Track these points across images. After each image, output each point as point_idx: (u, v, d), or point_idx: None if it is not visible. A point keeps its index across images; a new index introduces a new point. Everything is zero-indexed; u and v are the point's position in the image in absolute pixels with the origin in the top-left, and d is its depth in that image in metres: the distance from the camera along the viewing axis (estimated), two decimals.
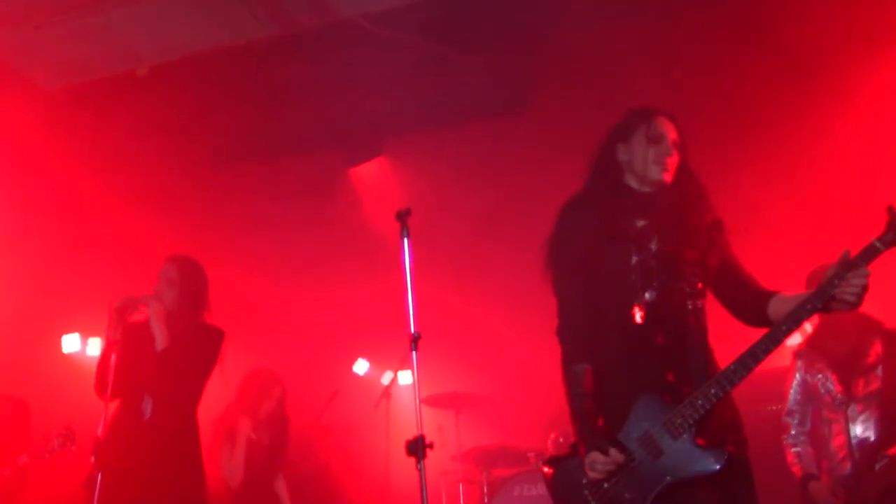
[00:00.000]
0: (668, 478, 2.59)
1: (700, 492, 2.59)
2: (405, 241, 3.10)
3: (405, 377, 7.47)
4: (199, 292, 4.19)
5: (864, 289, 2.60)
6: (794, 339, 4.62)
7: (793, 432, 4.57)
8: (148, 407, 3.93)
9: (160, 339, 3.89)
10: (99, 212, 6.47)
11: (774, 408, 5.19)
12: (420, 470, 2.83)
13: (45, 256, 6.49)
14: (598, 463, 2.64)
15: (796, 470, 4.50)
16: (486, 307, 6.69)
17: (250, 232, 7.07)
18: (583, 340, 2.82)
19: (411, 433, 2.88)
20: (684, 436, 2.61)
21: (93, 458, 3.55)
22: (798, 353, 4.65)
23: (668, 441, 2.62)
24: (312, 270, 7.20)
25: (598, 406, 2.73)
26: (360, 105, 6.41)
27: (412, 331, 3.01)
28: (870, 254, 2.61)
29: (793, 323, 2.62)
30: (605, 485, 2.68)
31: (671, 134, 2.95)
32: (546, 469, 2.90)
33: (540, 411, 6.45)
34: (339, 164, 7.00)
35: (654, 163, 2.89)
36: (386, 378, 7.29)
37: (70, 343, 6.91)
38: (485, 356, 6.96)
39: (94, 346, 6.93)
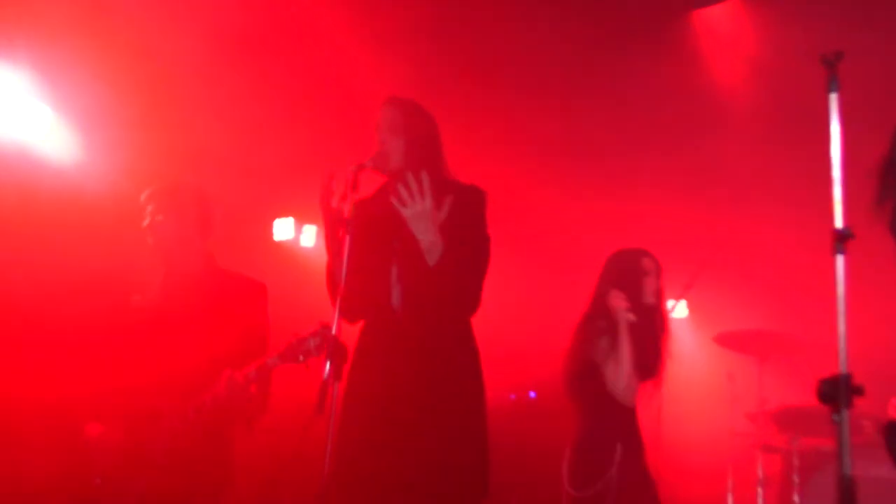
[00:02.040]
0: None
1: None
2: (833, 95, 2.26)
3: (681, 309, 6.24)
4: (433, 141, 3.02)
5: None
6: None
7: None
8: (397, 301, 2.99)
9: (433, 249, 2.78)
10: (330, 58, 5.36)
11: None
12: (839, 423, 2.07)
13: (261, 126, 5.58)
14: None
15: None
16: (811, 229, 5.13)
17: (527, 88, 5.72)
18: None
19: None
20: None
21: (328, 363, 2.56)
22: None
23: None
24: (597, 154, 5.83)
25: None
26: None
27: (839, 226, 2.15)
28: None
29: None
30: None
31: None
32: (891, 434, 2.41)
33: (876, 365, 4.91)
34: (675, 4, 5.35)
35: None
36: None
37: (283, 229, 6.01)
38: (800, 289, 5.43)
39: (310, 235, 6.04)
